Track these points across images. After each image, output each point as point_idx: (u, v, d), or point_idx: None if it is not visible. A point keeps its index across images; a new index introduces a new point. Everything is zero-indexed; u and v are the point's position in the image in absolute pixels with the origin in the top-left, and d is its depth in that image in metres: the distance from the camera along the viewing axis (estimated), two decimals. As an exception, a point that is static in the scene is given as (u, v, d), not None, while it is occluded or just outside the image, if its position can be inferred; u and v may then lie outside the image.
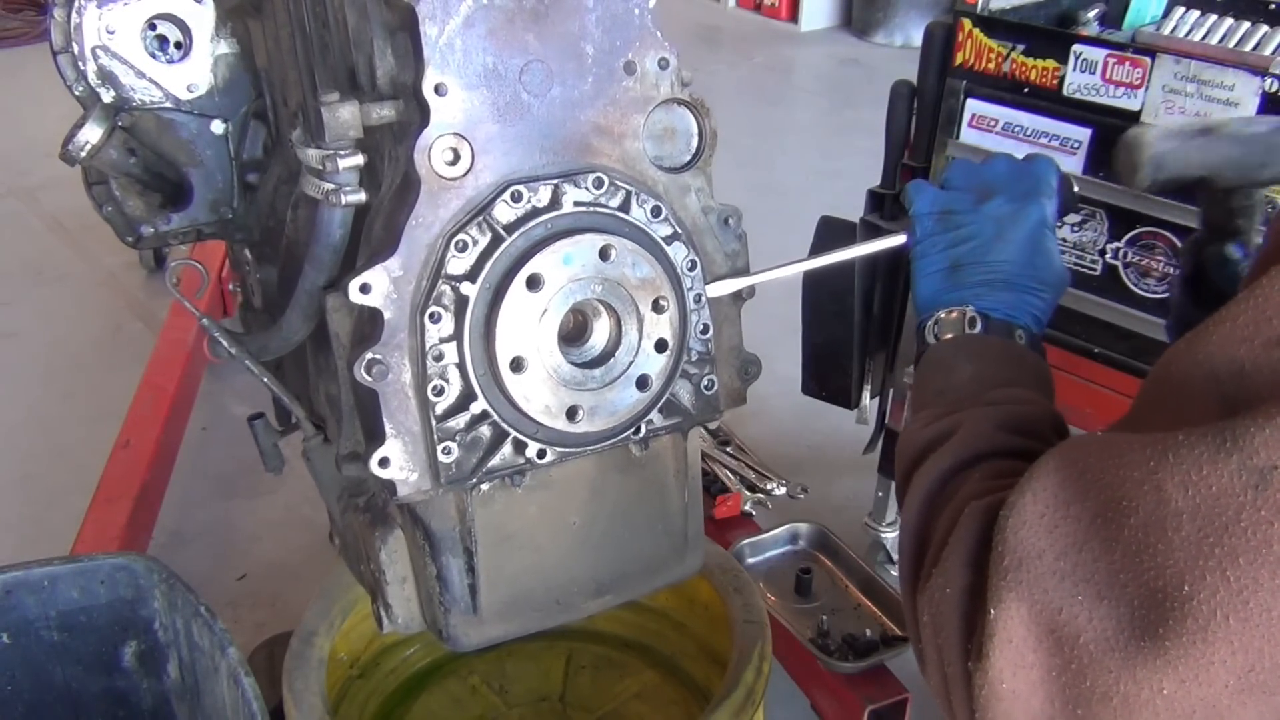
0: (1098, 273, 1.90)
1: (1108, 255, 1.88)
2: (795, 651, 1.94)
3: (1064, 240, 1.92)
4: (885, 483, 2.32)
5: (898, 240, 1.24)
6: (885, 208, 2.04)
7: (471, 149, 1.03)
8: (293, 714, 1.48)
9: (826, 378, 2.11)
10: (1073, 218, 1.91)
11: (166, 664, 1.60)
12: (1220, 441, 0.65)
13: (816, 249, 1.74)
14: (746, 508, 2.32)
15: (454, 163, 1.02)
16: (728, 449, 2.50)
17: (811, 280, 2.03)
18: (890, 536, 2.35)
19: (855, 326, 2.02)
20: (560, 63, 1.05)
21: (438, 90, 0.99)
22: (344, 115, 1.00)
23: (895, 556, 2.33)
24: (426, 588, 1.18)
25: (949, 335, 1.12)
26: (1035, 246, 1.14)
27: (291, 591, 2.43)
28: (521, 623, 1.20)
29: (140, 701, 1.62)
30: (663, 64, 1.10)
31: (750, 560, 2.15)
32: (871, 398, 2.11)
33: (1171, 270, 1.78)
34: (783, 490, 2.39)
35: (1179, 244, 1.77)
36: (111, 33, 1.26)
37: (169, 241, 1.39)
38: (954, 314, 1.12)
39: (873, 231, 1.96)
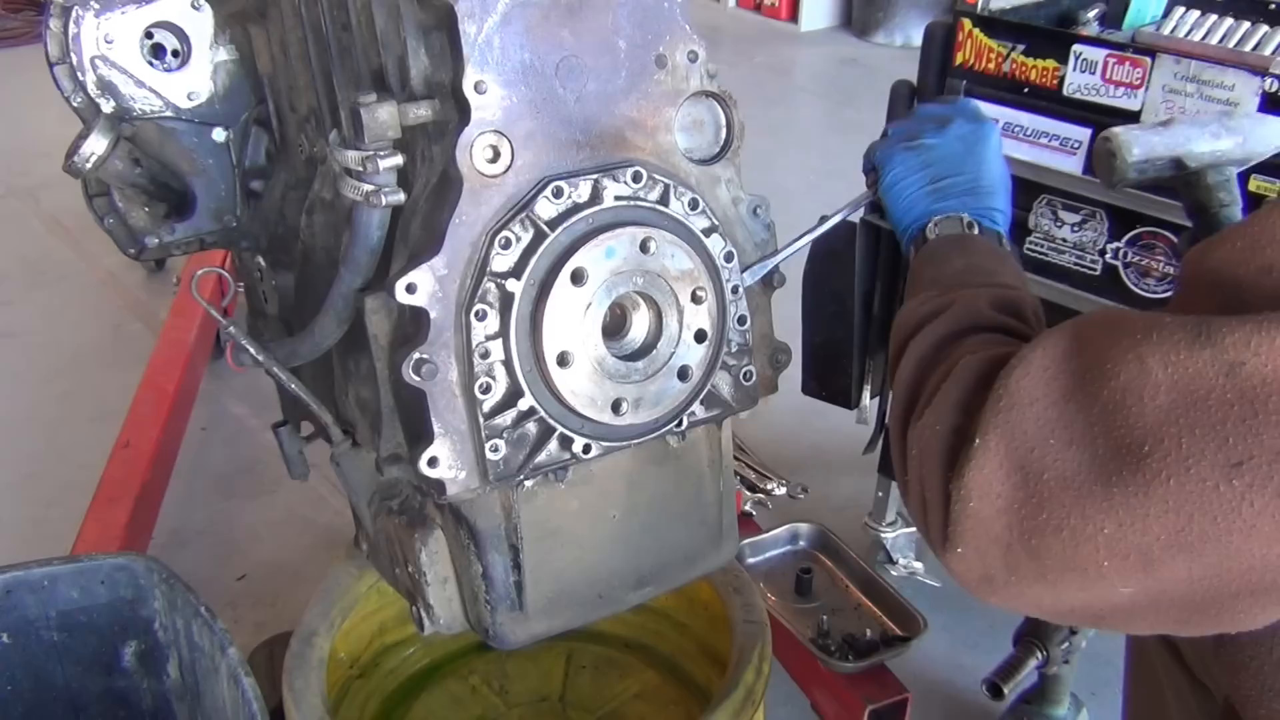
0: (1098, 273, 1.90)
1: (1108, 255, 1.88)
2: (795, 651, 1.94)
3: (1064, 240, 1.92)
4: (885, 483, 2.32)
5: (871, 195, 1.33)
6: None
7: (511, 146, 1.03)
8: (293, 714, 1.48)
9: (826, 378, 2.11)
10: (1072, 217, 1.91)
11: (166, 664, 1.59)
12: (1196, 333, 0.74)
13: (816, 247, 1.75)
14: (746, 508, 2.31)
15: (494, 160, 1.03)
16: (728, 449, 2.50)
17: (811, 280, 2.03)
18: (890, 536, 2.35)
19: (855, 326, 2.02)
20: (595, 57, 1.05)
21: (478, 88, 1.00)
22: (383, 116, 1.00)
23: (895, 556, 2.33)
24: (470, 586, 1.18)
25: (950, 234, 1.19)
26: (1000, 160, 1.25)
27: (291, 591, 2.43)
28: (566, 618, 1.21)
29: (140, 701, 1.62)
30: (692, 56, 1.11)
31: (750, 560, 2.14)
32: (871, 398, 2.11)
33: (1171, 270, 1.78)
34: (783, 490, 2.38)
35: (1179, 243, 1.77)
36: (110, 42, 1.25)
37: (172, 252, 1.39)
38: (951, 219, 1.20)
39: (873, 231, 1.98)
